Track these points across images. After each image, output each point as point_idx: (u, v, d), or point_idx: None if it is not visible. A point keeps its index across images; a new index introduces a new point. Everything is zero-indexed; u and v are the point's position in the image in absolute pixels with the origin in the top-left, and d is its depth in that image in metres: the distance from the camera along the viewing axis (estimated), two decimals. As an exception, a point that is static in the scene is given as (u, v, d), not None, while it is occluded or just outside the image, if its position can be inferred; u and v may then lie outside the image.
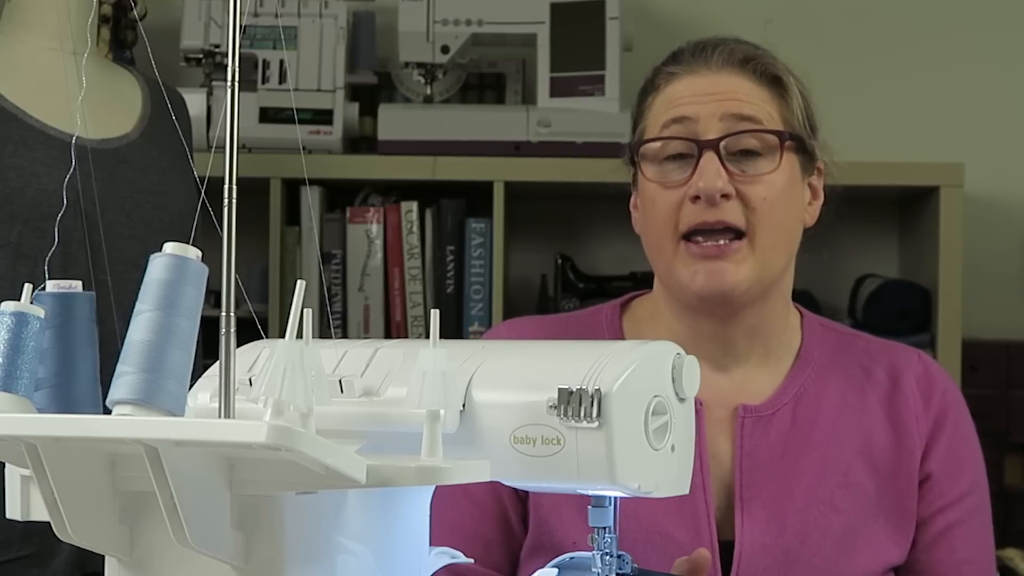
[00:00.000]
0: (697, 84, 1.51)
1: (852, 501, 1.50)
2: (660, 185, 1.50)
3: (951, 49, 3.10)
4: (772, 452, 1.51)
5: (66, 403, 1.03)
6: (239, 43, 0.96)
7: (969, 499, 1.56)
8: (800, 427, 1.52)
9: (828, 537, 1.48)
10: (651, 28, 3.02)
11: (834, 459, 1.51)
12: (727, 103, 1.49)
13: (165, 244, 0.98)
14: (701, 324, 1.53)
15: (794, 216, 1.53)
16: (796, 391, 1.54)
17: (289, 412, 0.95)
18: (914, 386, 1.55)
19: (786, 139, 1.50)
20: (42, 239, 1.95)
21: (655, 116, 1.53)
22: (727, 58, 1.52)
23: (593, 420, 1.05)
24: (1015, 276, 3.09)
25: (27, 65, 2.06)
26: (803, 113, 1.54)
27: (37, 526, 1.07)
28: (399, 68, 2.94)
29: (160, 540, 1.03)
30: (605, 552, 1.17)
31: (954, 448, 1.55)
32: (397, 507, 1.11)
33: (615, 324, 1.60)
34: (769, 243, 1.48)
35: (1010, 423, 2.88)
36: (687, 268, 1.48)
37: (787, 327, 1.58)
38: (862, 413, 1.54)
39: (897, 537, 1.51)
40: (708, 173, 1.46)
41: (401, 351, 1.14)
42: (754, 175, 1.48)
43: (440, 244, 2.82)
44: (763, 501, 1.48)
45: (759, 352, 1.55)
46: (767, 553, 1.47)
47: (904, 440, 1.53)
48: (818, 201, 1.58)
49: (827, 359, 1.57)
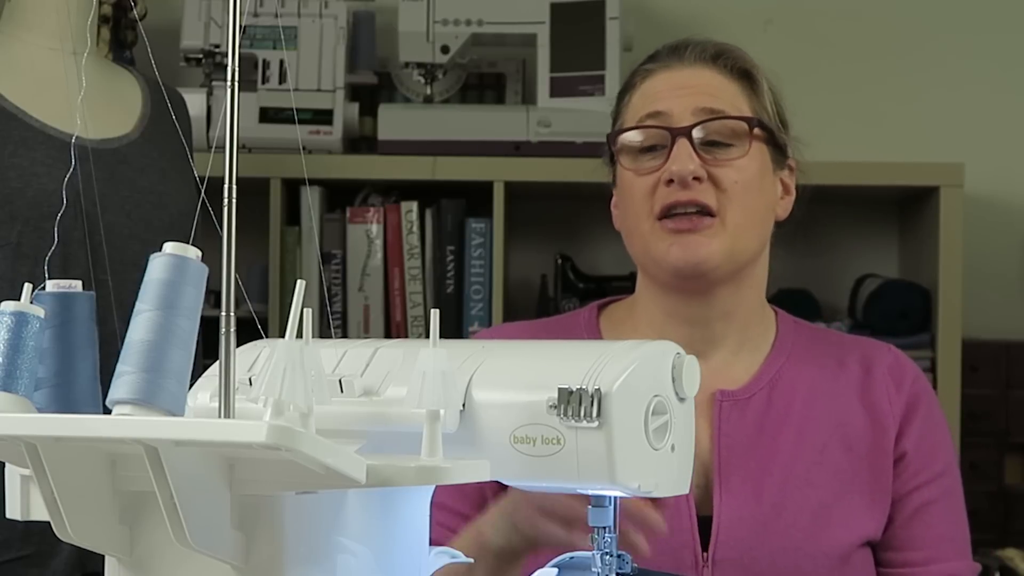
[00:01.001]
0: (671, 78, 1.59)
1: (827, 477, 1.54)
2: (635, 172, 1.57)
3: (951, 49, 3.10)
4: (749, 432, 1.56)
5: (66, 403, 1.03)
6: (239, 43, 0.96)
7: (944, 479, 1.61)
8: (776, 409, 1.57)
9: (804, 511, 1.52)
10: (651, 28, 3.02)
11: (809, 438, 1.56)
12: (699, 96, 1.56)
13: (165, 244, 0.98)
14: (678, 307, 1.59)
15: (765, 203, 1.58)
16: (771, 377, 1.60)
17: (289, 412, 0.95)
18: (886, 373, 1.61)
19: (755, 125, 1.56)
20: (42, 239, 1.95)
21: (633, 111, 1.61)
22: (699, 53, 1.60)
23: (593, 420, 1.05)
24: (1015, 276, 3.10)
25: (27, 65, 2.06)
26: (773, 108, 1.61)
27: (37, 526, 1.07)
28: (399, 68, 2.94)
29: (160, 540, 1.03)
30: (605, 552, 1.17)
31: (928, 431, 1.60)
32: (397, 507, 1.11)
33: (592, 324, 1.66)
34: (739, 222, 1.54)
35: (1010, 423, 2.88)
36: (662, 243, 1.54)
37: (763, 319, 1.64)
38: (836, 397, 1.59)
39: (873, 511, 1.56)
40: (681, 156, 1.53)
41: (401, 351, 1.14)
42: (725, 159, 1.54)
43: (440, 244, 2.82)
44: (740, 477, 1.53)
45: (735, 338, 1.60)
46: (744, 525, 1.51)
47: (878, 420, 1.58)
48: (790, 197, 1.64)
49: (801, 350, 1.63)
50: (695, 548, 1.50)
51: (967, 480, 1.67)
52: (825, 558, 1.52)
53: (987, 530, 2.79)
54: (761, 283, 1.63)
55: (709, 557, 1.50)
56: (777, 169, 1.60)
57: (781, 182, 1.62)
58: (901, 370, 1.62)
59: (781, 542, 1.51)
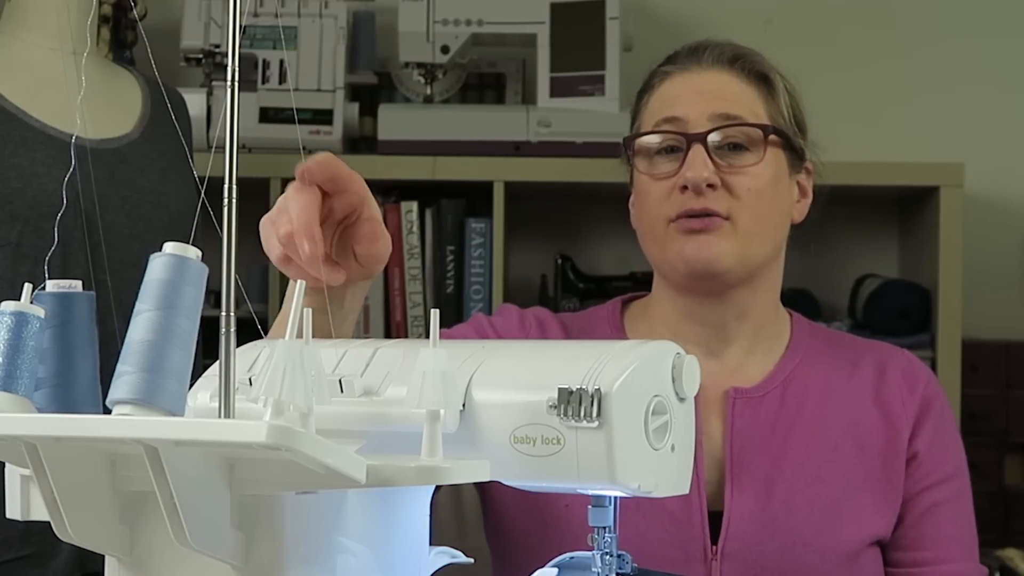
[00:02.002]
0: (688, 82, 1.60)
1: (839, 475, 1.55)
2: (651, 177, 1.58)
3: (951, 49, 3.10)
4: (762, 430, 1.57)
5: (66, 403, 1.03)
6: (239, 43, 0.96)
7: (955, 482, 1.62)
8: (789, 408, 1.58)
9: (815, 508, 1.53)
10: (651, 28, 3.02)
11: (822, 436, 1.57)
12: (715, 102, 1.57)
13: (165, 244, 0.98)
14: (692, 307, 1.60)
15: (779, 208, 1.59)
16: (785, 376, 1.61)
17: (289, 412, 0.95)
18: (899, 375, 1.62)
19: (770, 133, 1.56)
20: (42, 239, 1.95)
21: (650, 113, 1.61)
22: (717, 56, 1.60)
23: (593, 420, 1.05)
24: (1015, 276, 3.10)
25: (27, 65, 2.06)
26: (790, 112, 1.61)
27: (37, 526, 1.07)
28: (399, 68, 2.94)
29: (160, 540, 1.03)
30: (605, 552, 1.17)
31: (940, 433, 1.61)
32: (397, 507, 1.11)
33: (616, 319, 1.67)
34: (752, 227, 1.55)
35: (1010, 423, 2.88)
36: (675, 244, 1.55)
37: (777, 320, 1.64)
38: (849, 397, 1.60)
39: (883, 511, 1.57)
40: (695, 164, 1.53)
41: (401, 351, 1.14)
42: (740, 167, 1.55)
43: (440, 244, 2.82)
44: (752, 474, 1.54)
45: (749, 337, 1.61)
46: (755, 520, 1.52)
47: (891, 422, 1.59)
48: (807, 199, 1.64)
49: (815, 352, 1.64)
50: (704, 541, 1.52)
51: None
52: (834, 555, 1.52)
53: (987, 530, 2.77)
54: (776, 285, 1.64)
55: (718, 550, 1.51)
56: (793, 173, 1.61)
57: (798, 184, 1.62)
58: (914, 374, 1.63)
59: (791, 538, 1.52)
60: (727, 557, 1.51)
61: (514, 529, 1.58)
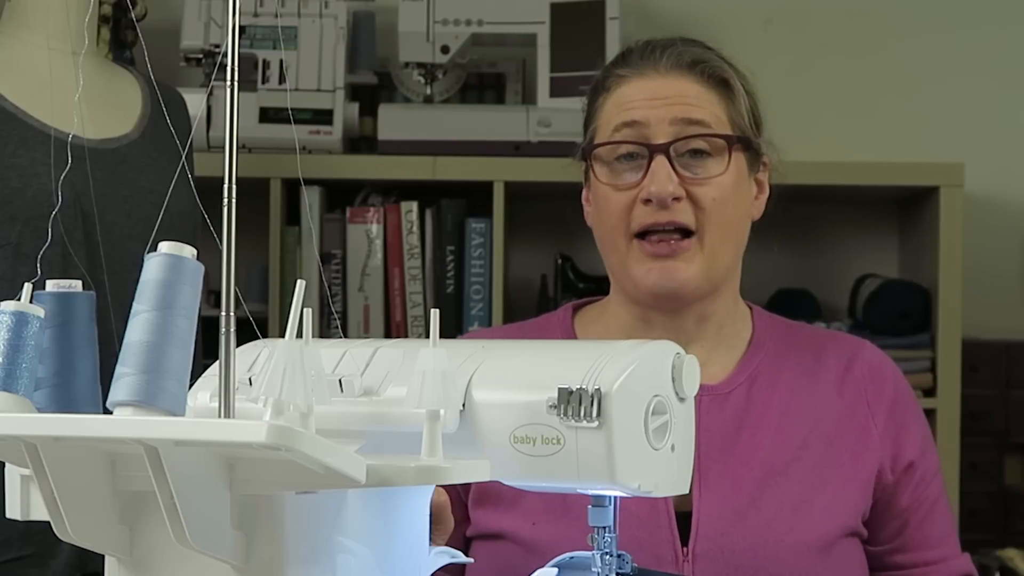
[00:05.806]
0: (647, 87, 1.57)
1: (807, 471, 1.55)
2: (612, 187, 1.57)
3: (951, 49, 3.10)
4: (728, 427, 1.56)
5: (66, 403, 1.03)
6: (239, 43, 0.96)
7: (939, 475, 1.64)
8: (755, 405, 1.58)
9: (784, 504, 1.53)
10: (651, 28, 3.01)
11: (789, 432, 1.57)
12: (676, 107, 1.55)
13: (160, 243, 0.98)
14: (651, 316, 1.60)
15: (742, 213, 1.59)
16: (750, 373, 1.60)
17: (289, 412, 0.95)
18: (865, 371, 1.62)
19: (734, 143, 1.56)
20: (42, 239, 1.95)
21: (606, 118, 1.59)
22: (676, 61, 1.58)
23: (593, 420, 1.05)
24: (1015, 276, 3.09)
25: (27, 65, 2.06)
26: (749, 112, 1.60)
27: (37, 526, 1.07)
28: (399, 68, 2.94)
29: (160, 540, 1.03)
30: (605, 552, 1.17)
31: (921, 432, 1.63)
32: (397, 507, 1.11)
33: (567, 324, 1.66)
34: (718, 240, 1.55)
35: (1010, 423, 2.88)
36: (640, 266, 1.55)
37: (737, 317, 1.64)
38: (815, 394, 1.60)
39: (855, 503, 1.56)
40: (659, 177, 1.53)
41: (401, 351, 1.14)
42: (704, 177, 1.54)
43: (440, 244, 2.82)
44: (720, 472, 1.54)
45: (710, 338, 1.61)
46: (723, 518, 1.51)
47: (857, 417, 1.59)
48: (764, 195, 1.64)
49: (779, 346, 1.64)
50: (674, 544, 1.50)
51: (967, 480, 1.68)
52: (806, 549, 1.52)
53: (987, 530, 2.79)
54: (736, 282, 1.64)
55: (689, 551, 1.50)
56: (752, 172, 1.61)
57: (756, 181, 1.62)
58: (880, 372, 1.63)
59: (761, 535, 1.51)
60: (698, 557, 1.50)
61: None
